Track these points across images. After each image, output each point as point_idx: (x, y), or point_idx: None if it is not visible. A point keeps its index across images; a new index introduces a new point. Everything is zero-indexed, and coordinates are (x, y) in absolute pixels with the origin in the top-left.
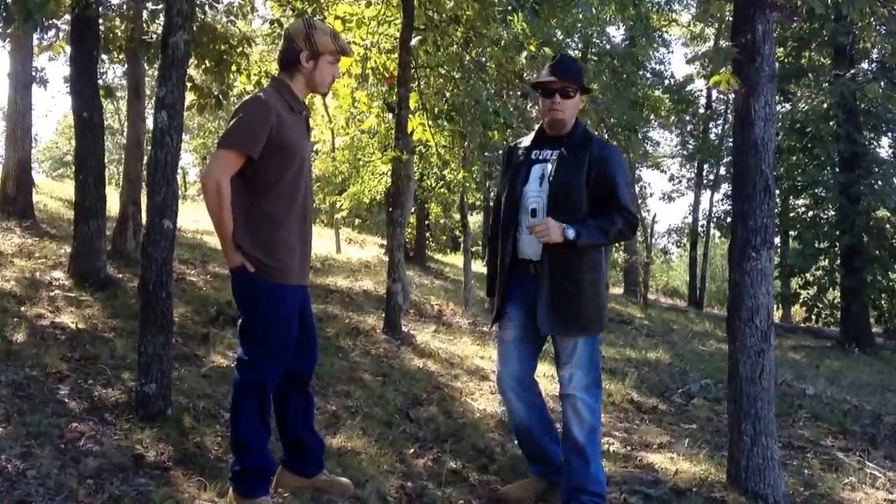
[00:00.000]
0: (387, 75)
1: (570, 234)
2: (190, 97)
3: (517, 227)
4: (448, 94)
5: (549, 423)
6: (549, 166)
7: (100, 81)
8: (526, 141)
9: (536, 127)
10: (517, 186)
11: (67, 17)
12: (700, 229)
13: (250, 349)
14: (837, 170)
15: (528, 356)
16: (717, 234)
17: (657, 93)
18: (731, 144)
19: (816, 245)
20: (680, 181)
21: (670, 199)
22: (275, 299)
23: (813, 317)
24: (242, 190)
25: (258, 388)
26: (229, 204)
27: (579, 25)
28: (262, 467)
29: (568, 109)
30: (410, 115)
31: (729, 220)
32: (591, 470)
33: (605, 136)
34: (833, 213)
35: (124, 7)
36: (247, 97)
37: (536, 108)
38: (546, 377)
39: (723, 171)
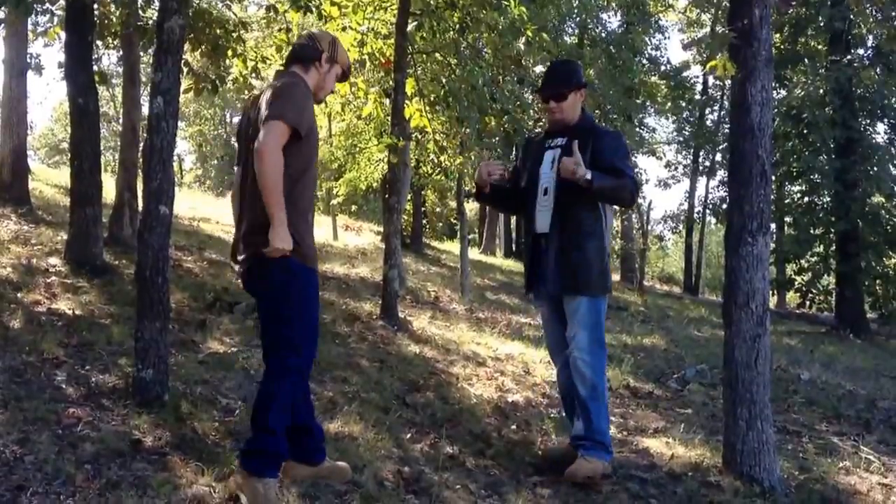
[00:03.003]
0: (383, 60)
1: (589, 174)
2: (186, 82)
3: (533, 204)
4: (444, 80)
5: None
6: (559, 152)
7: (94, 67)
8: (543, 134)
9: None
10: (534, 169)
11: (62, 2)
12: (696, 216)
13: (289, 334)
14: (833, 156)
15: (562, 324)
16: (713, 220)
17: (653, 79)
18: (727, 130)
19: (811, 231)
20: (676, 167)
21: (666, 185)
22: (309, 283)
23: (807, 302)
24: None
25: (297, 372)
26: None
27: (575, 11)
28: (280, 451)
29: (565, 109)
30: (407, 102)
31: (725, 206)
32: (594, 423)
33: (601, 122)
34: (828, 199)
35: None
36: (285, 80)
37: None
38: (542, 363)
39: (719, 157)
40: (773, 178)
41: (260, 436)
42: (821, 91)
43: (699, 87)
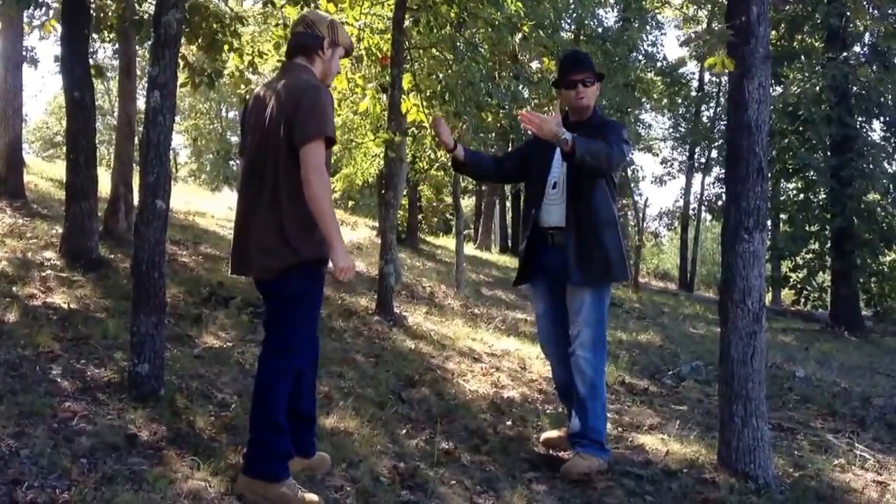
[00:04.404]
0: (381, 56)
1: (568, 135)
2: (182, 76)
3: (542, 199)
4: (441, 76)
5: None
6: None
7: (90, 61)
8: None
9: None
10: (542, 164)
11: None
12: (691, 212)
13: (292, 336)
14: (829, 153)
15: (557, 320)
16: (708, 217)
17: (650, 75)
18: (723, 127)
19: (807, 228)
20: (671, 164)
21: (662, 182)
22: (320, 288)
23: (802, 300)
24: (298, 183)
25: (295, 373)
26: None
27: (571, 7)
28: (288, 449)
29: (589, 96)
30: (404, 97)
31: (720, 203)
32: (590, 421)
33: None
34: (824, 196)
35: None
36: (305, 84)
37: (555, 101)
38: (538, 359)
39: (714, 154)
40: (769, 174)
41: (271, 438)
42: (817, 88)
43: (695, 84)
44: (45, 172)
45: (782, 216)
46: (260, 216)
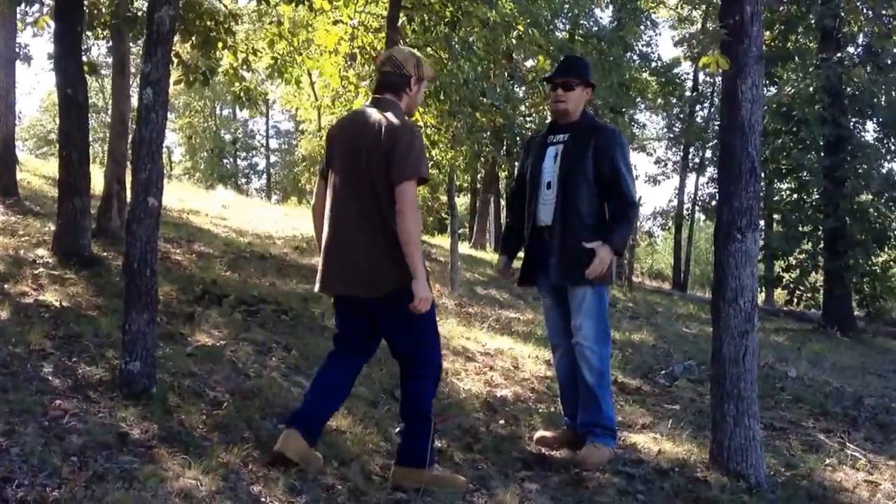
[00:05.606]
0: (374, 54)
1: (609, 249)
2: (176, 74)
3: (536, 198)
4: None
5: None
6: (561, 147)
7: (84, 58)
8: (544, 131)
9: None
10: (536, 164)
11: None
12: (685, 212)
13: (428, 344)
14: (822, 153)
15: (565, 314)
16: (702, 217)
17: (644, 75)
18: (717, 127)
19: (800, 228)
20: (666, 164)
21: (656, 181)
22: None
23: (795, 300)
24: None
25: (441, 371)
26: None
27: (566, 6)
28: (433, 436)
29: (571, 100)
30: None
31: (714, 203)
32: (603, 408)
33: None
34: (817, 196)
35: None
36: (402, 126)
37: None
38: (531, 358)
39: (708, 154)
40: (763, 174)
41: (423, 429)
42: (811, 89)
43: (689, 84)
44: (38, 170)
45: (775, 216)
46: (366, 240)
